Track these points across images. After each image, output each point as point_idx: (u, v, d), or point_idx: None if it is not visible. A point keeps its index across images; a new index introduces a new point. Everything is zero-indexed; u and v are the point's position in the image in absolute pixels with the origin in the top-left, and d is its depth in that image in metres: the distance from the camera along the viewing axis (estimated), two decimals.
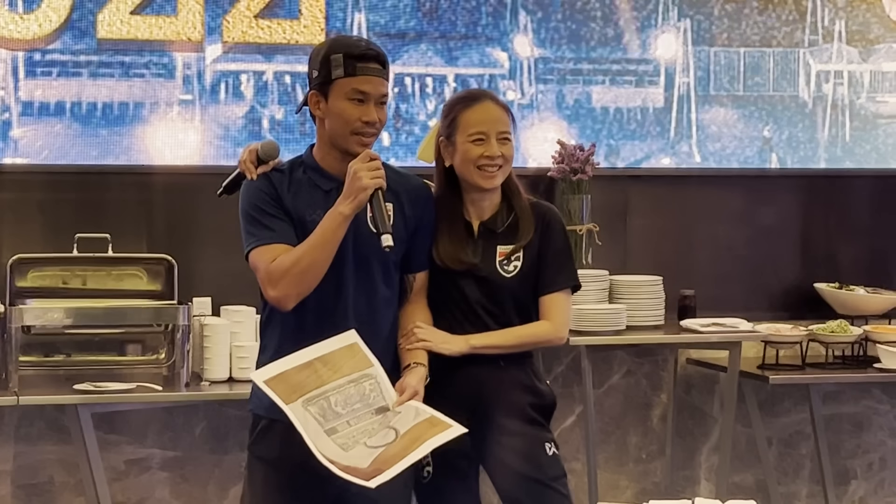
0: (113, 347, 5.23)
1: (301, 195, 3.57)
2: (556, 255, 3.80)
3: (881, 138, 6.26)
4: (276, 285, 3.49)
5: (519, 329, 3.78)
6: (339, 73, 3.50)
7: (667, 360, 5.98)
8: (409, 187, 3.69)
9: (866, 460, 6.24)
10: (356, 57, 3.50)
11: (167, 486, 5.52)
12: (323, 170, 3.59)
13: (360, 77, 3.50)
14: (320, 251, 3.47)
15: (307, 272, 3.47)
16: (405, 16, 5.76)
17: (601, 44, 5.95)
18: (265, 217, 3.54)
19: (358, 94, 3.51)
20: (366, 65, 3.51)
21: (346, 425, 3.46)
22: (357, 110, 3.51)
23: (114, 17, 5.47)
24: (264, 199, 3.55)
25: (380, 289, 3.61)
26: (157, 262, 5.30)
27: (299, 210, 3.56)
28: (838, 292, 5.97)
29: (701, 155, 6.07)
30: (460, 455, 3.76)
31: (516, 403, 3.79)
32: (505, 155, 3.74)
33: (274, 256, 3.49)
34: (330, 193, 3.55)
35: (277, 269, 3.48)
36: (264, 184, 3.57)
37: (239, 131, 5.60)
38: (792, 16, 6.14)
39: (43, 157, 5.45)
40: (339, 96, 3.52)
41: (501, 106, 3.80)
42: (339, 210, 3.46)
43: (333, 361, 3.50)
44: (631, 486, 5.99)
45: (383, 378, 3.56)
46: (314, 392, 3.45)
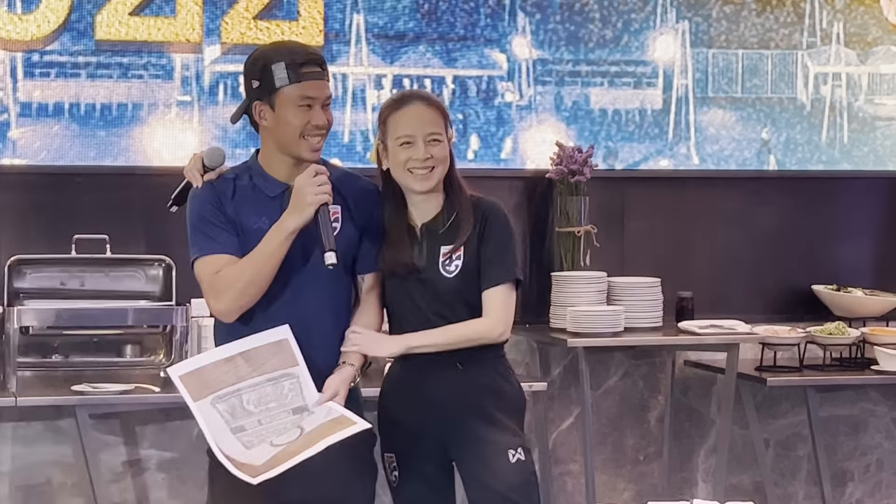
0: (111, 348, 5.24)
1: (246, 202, 3.58)
2: (494, 249, 3.72)
3: (879, 140, 6.26)
4: (219, 298, 3.52)
5: (456, 326, 3.69)
6: (283, 81, 3.50)
7: (664, 361, 5.98)
8: (357, 189, 3.69)
9: (863, 462, 6.24)
10: (299, 63, 3.51)
11: (164, 488, 5.52)
12: (269, 176, 3.60)
13: (304, 83, 3.52)
14: (263, 265, 3.49)
15: (250, 286, 3.49)
16: (404, 17, 5.76)
17: (599, 45, 5.96)
18: (208, 227, 3.55)
19: (305, 100, 3.52)
20: (309, 69, 3.53)
21: (256, 423, 3.47)
22: (306, 115, 3.52)
23: (112, 18, 5.47)
24: (208, 209, 3.56)
25: (329, 293, 3.61)
26: (155, 264, 5.30)
27: (242, 218, 3.56)
28: (836, 294, 5.97)
29: (699, 157, 6.08)
30: (427, 461, 3.76)
31: (479, 407, 3.73)
32: (435, 156, 3.68)
33: (217, 268, 3.52)
34: (276, 199, 3.57)
35: (220, 282, 3.51)
36: (207, 193, 3.58)
37: (237, 132, 5.60)
38: (790, 18, 6.15)
39: (41, 158, 5.45)
40: (286, 104, 3.52)
41: (432, 106, 3.74)
42: (284, 226, 3.47)
43: (257, 358, 3.50)
44: (628, 488, 5.99)
45: (306, 378, 3.54)
46: (227, 389, 3.47)
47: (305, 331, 3.55)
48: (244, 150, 5.60)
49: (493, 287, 3.71)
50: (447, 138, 3.74)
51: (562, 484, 5.85)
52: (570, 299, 5.48)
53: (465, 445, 3.73)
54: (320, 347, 3.59)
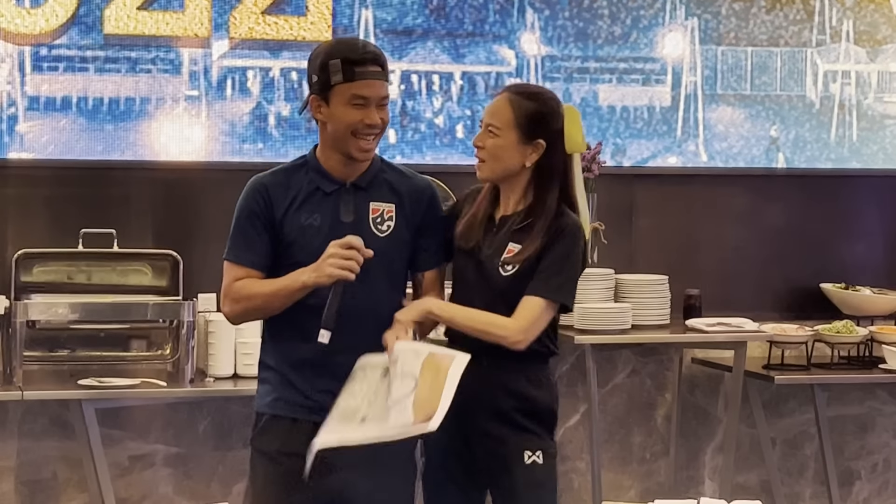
0: (117, 343, 5.23)
1: (299, 198, 3.57)
2: (553, 264, 3.66)
3: (888, 139, 6.25)
4: (227, 303, 3.61)
5: (480, 313, 3.65)
6: (338, 78, 3.49)
7: (672, 359, 5.97)
8: (413, 188, 3.67)
9: (871, 461, 6.23)
10: (354, 62, 3.49)
11: (171, 483, 5.52)
12: (326, 171, 3.59)
13: (359, 82, 3.50)
14: (273, 300, 3.54)
15: (257, 310, 3.60)
16: (412, 13, 5.75)
17: (608, 42, 5.94)
18: (245, 233, 3.58)
19: (358, 99, 3.50)
20: (364, 69, 3.50)
21: (369, 407, 3.43)
22: (359, 113, 3.51)
23: (121, 12, 5.46)
24: (251, 215, 3.58)
25: (385, 293, 3.59)
26: (162, 258, 5.30)
27: (292, 216, 3.55)
28: (844, 293, 5.96)
29: (707, 154, 6.07)
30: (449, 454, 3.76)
31: (499, 408, 3.71)
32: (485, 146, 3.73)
33: (238, 276, 3.57)
34: (331, 196, 3.57)
35: (234, 293, 3.58)
36: (259, 197, 3.58)
37: (245, 127, 5.60)
38: (799, 15, 6.13)
39: (49, 152, 5.45)
40: (340, 101, 3.51)
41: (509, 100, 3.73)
42: (302, 279, 3.47)
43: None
44: (635, 486, 5.98)
45: (372, 359, 3.50)
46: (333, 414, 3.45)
47: (352, 330, 3.51)
48: (252, 145, 5.61)
49: (534, 296, 3.65)
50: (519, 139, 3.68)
51: (568, 481, 5.84)
52: (578, 296, 5.43)
53: (481, 444, 3.72)
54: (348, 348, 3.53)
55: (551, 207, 3.71)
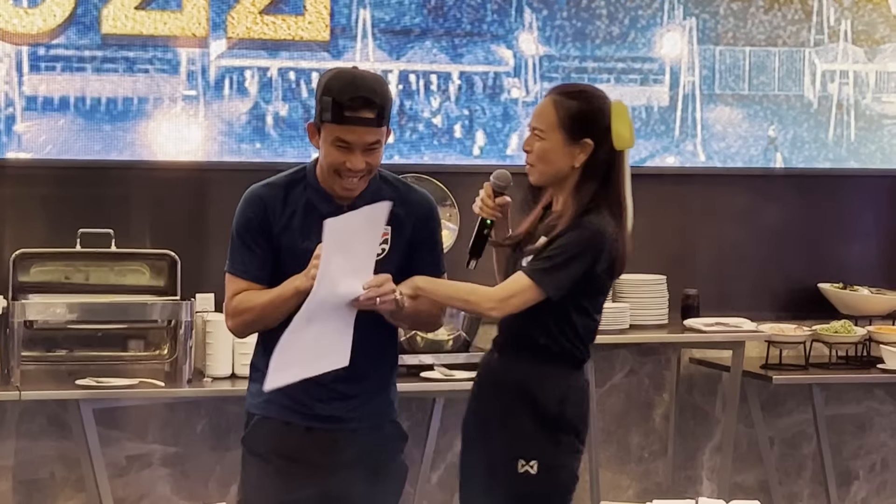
0: (115, 343, 5.23)
1: (296, 219, 3.51)
2: (555, 253, 3.60)
3: (886, 138, 6.25)
4: (229, 318, 3.58)
5: (462, 285, 3.60)
6: (327, 117, 3.39)
7: (670, 359, 5.97)
8: (411, 204, 3.59)
9: (869, 461, 6.23)
10: (344, 105, 3.36)
11: (168, 483, 5.52)
12: (323, 191, 3.51)
13: (345, 126, 3.38)
14: (271, 311, 3.48)
15: (258, 322, 3.53)
16: (410, 12, 5.75)
17: (606, 42, 5.94)
18: (243, 247, 3.53)
19: (342, 143, 3.40)
20: (353, 114, 3.36)
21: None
22: (341, 156, 3.41)
23: (118, 12, 5.46)
24: (249, 229, 3.52)
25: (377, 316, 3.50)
26: (160, 258, 5.30)
27: (292, 237, 3.50)
28: (842, 292, 5.96)
29: (706, 154, 6.06)
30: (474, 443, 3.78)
31: (510, 409, 3.67)
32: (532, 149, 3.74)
33: (238, 290, 3.54)
34: (327, 217, 3.38)
35: (235, 308, 3.55)
36: (256, 207, 3.51)
37: (243, 127, 5.60)
38: (798, 15, 6.13)
39: (47, 152, 5.44)
40: (327, 139, 3.42)
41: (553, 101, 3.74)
42: (296, 284, 3.41)
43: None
44: (633, 486, 5.99)
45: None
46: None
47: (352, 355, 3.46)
48: (250, 144, 5.61)
49: (523, 273, 3.60)
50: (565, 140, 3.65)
51: None
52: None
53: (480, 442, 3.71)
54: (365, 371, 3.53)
55: (582, 204, 3.64)
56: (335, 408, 3.52)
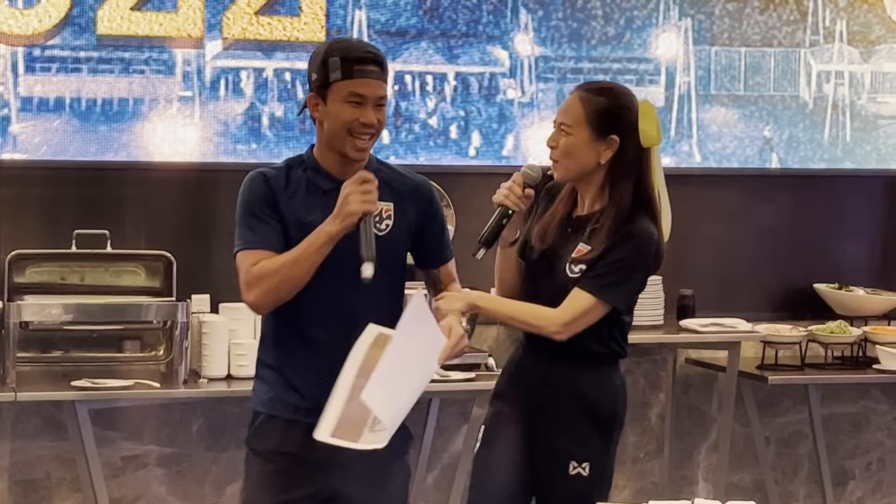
0: (111, 344, 5.23)
1: (299, 196, 3.55)
2: (613, 266, 3.64)
3: (882, 139, 6.25)
4: (251, 290, 3.49)
5: (524, 305, 3.68)
6: (336, 76, 3.48)
7: (665, 359, 5.97)
8: (411, 186, 3.66)
9: (864, 461, 6.24)
10: (353, 60, 3.48)
11: (164, 483, 5.52)
12: (323, 169, 3.57)
13: (357, 80, 3.48)
14: (302, 265, 3.46)
15: (284, 283, 3.47)
16: (406, 13, 5.75)
17: (602, 42, 5.95)
18: (253, 221, 3.52)
19: (355, 97, 3.48)
20: (363, 67, 3.49)
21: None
22: (355, 112, 3.49)
23: (114, 12, 5.46)
24: (257, 202, 3.54)
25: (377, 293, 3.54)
26: (155, 259, 5.29)
27: (297, 212, 3.54)
28: (838, 293, 5.96)
29: (701, 154, 6.07)
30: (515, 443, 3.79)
31: (561, 413, 3.72)
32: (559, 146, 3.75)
33: (256, 261, 3.49)
34: (329, 194, 3.52)
35: (256, 275, 3.48)
36: (260, 185, 3.55)
37: (238, 128, 5.60)
38: (793, 16, 6.14)
39: (42, 153, 5.45)
40: (337, 99, 3.50)
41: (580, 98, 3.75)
42: (326, 230, 3.44)
43: (368, 368, 3.37)
44: (629, 486, 5.99)
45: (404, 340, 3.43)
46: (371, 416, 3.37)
47: (351, 331, 3.47)
48: (245, 145, 5.61)
49: (585, 291, 3.63)
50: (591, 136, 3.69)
51: None
52: None
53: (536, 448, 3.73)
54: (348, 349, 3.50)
55: (625, 207, 3.68)
56: None
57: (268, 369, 3.61)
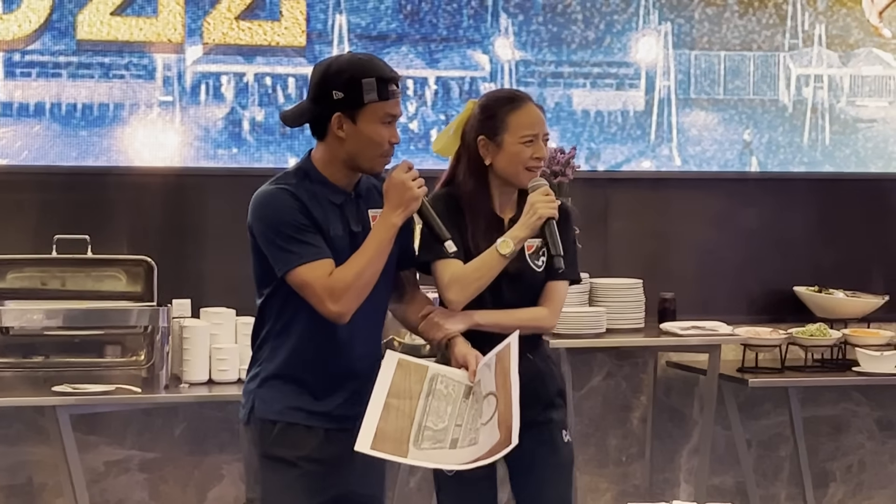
0: (92, 349, 5.22)
1: (318, 209, 3.54)
2: (567, 248, 3.87)
3: (861, 142, 6.28)
4: (338, 300, 3.48)
5: (521, 311, 3.85)
6: (372, 97, 3.49)
7: (647, 362, 5.98)
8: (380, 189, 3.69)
9: (845, 463, 6.25)
10: (387, 80, 3.53)
11: (146, 488, 5.51)
12: (332, 184, 3.57)
13: (391, 101, 3.53)
14: (378, 263, 3.51)
15: (368, 285, 3.51)
16: (386, 18, 5.76)
17: (582, 47, 5.96)
18: (303, 233, 3.50)
19: (389, 118, 3.53)
20: (395, 88, 3.55)
21: (458, 429, 3.53)
22: (387, 132, 3.53)
23: (94, 17, 5.45)
24: (297, 216, 3.50)
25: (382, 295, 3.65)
26: (136, 264, 5.29)
27: (321, 224, 3.54)
28: (818, 296, 5.98)
29: (681, 158, 6.08)
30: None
31: (543, 394, 3.92)
32: (543, 156, 3.90)
33: (326, 271, 3.48)
34: (341, 207, 3.55)
35: (340, 284, 3.47)
36: (291, 200, 3.51)
37: (219, 133, 5.60)
38: (772, 20, 6.16)
39: (22, 158, 5.44)
40: (372, 120, 3.51)
41: (540, 108, 3.94)
42: (392, 221, 3.51)
43: (400, 390, 3.55)
44: (611, 489, 6.00)
45: (443, 369, 3.65)
46: (413, 430, 3.51)
47: (359, 333, 3.57)
48: (226, 150, 5.60)
49: (559, 280, 3.89)
50: None
51: None
52: None
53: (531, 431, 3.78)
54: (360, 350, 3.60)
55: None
56: (352, 408, 3.57)
57: (277, 379, 3.60)
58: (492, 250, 3.74)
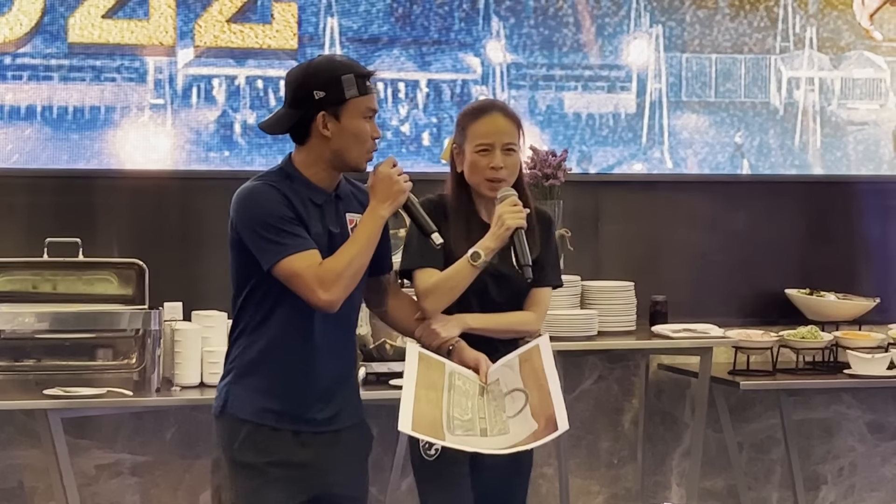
0: (83, 352, 5.20)
1: (301, 207, 3.58)
2: (549, 255, 4.03)
3: (852, 145, 6.29)
4: (329, 288, 3.51)
5: (509, 315, 3.95)
6: (353, 92, 3.57)
7: (638, 365, 5.99)
8: (364, 194, 3.74)
9: (836, 465, 6.26)
10: (364, 76, 3.60)
11: (137, 491, 5.51)
12: (314, 184, 3.61)
13: (370, 95, 3.61)
14: (367, 254, 3.57)
15: (357, 275, 3.56)
16: (378, 21, 5.76)
17: (573, 50, 5.97)
18: (290, 225, 3.54)
19: (370, 112, 3.61)
20: (373, 83, 3.63)
21: (482, 421, 3.68)
22: (369, 127, 3.61)
23: (85, 20, 5.45)
24: (284, 210, 3.54)
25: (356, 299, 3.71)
26: (127, 267, 5.28)
27: (304, 220, 3.58)
28: (809, 298, 5.99)
29: (673, 161, 6.09)
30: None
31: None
32: (507, 166, 3.91)
33: (315, 261, 3.52)
34: (322, 207, 3.60)
35: (330, 273, 3.51)
36: (277, 195, 3.56)
37: (211, 136, 5.60)
38: (763, 22, 6.17)
39: (13, 161, 5.43)
40: (355, 115, 3.58)
41: (509, 117, 3.96)
42: (380, 213, 3.58)
43: (426, 381, 3.70)
44: (602, 492, 6.00)
45: (458, 367, 3.79)
46: (444, 419, 3.64)
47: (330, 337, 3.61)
48: (218, 153, 5.60)
49: (543, 287, 4.00)
50: (519, 149, 3.98)
51: (536, 487, 5.85)
52: None
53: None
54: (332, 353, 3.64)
55: (533, 205, 4.01)
56: (324, 411, 3.61)
57: (249, 377, 3.63)
58: (464, 260, 3.80)
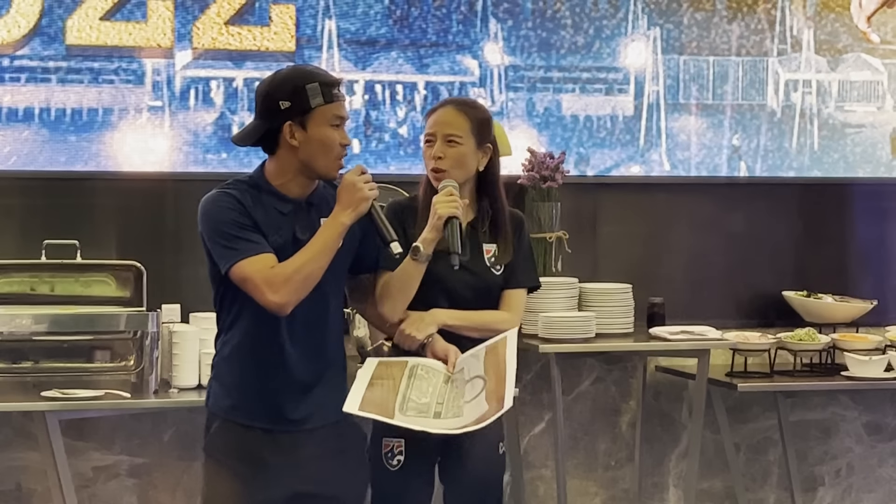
0: (81, 354, 5.20)
1: (262, 217, 3.62)
2: (525, 257, 4.09)
3: (849, 147, 6.29)
4: (277, 291, 3.54)
5: (484, 314, 4.00)
6: (318, 101, 3.59)
7: (636, 367, 5.99)
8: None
9: (834, 467, 6.27)
10: (330, 84, 3.62)
11: (135, 493, 5.51)
12: (281, 194, 3.65)
13: (336, 103, 3.63)
14: (321, 259, 3.57)
15: (309, 279, 3.57)
16: (376, 23, 5.76)
17: (571, 52, 5.97)
18: (243, 231, 3.58)
19: (337, 120, 3.62)
20: (339, 91, 3.64)
21: (440, 406, 3.74)
22: (337, 134, 3.62)
23: (83, 22, 5.45)
24: (238, 217, 3.59)
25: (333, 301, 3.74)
26: (125, 269, 5.28)
27: (264, 230, 3.61)
28: (806, 300, 5.99)
29: (670, 163, 6.10)
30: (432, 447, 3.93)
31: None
32: (447, 156, 3.95)
33: (267, 265, 3.55)
34: (288, 216, 3.64)
35: (279, 276, 3.54)
36: (234, 202, 3.61)
37: (209, 138, 5.60)
38: (761, 25, 6.17)
39: (11, 163, 5.43)
40: (321, 123, 3.60)
41: (461, 111, 4.00)
42: (341, 220, 3.58)
43: (381, 375, 3.79)
44: (600, 493, 6.00)
45: (422, 360, 3.86)
46: (398, 400, 3.73)
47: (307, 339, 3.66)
48: (216, 155, 5.61)
49: (518, 288, 4.07)
50: (475, 144, 3.98)
51: (533, 489, 5.86)
52: (542, 305, 5.48)
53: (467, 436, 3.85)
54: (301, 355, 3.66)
55: (506, 206, 4.07)
56: (297, 411, 3.64)
57: (227, 374, 3.69)
58: (407, 258, 3.82)
